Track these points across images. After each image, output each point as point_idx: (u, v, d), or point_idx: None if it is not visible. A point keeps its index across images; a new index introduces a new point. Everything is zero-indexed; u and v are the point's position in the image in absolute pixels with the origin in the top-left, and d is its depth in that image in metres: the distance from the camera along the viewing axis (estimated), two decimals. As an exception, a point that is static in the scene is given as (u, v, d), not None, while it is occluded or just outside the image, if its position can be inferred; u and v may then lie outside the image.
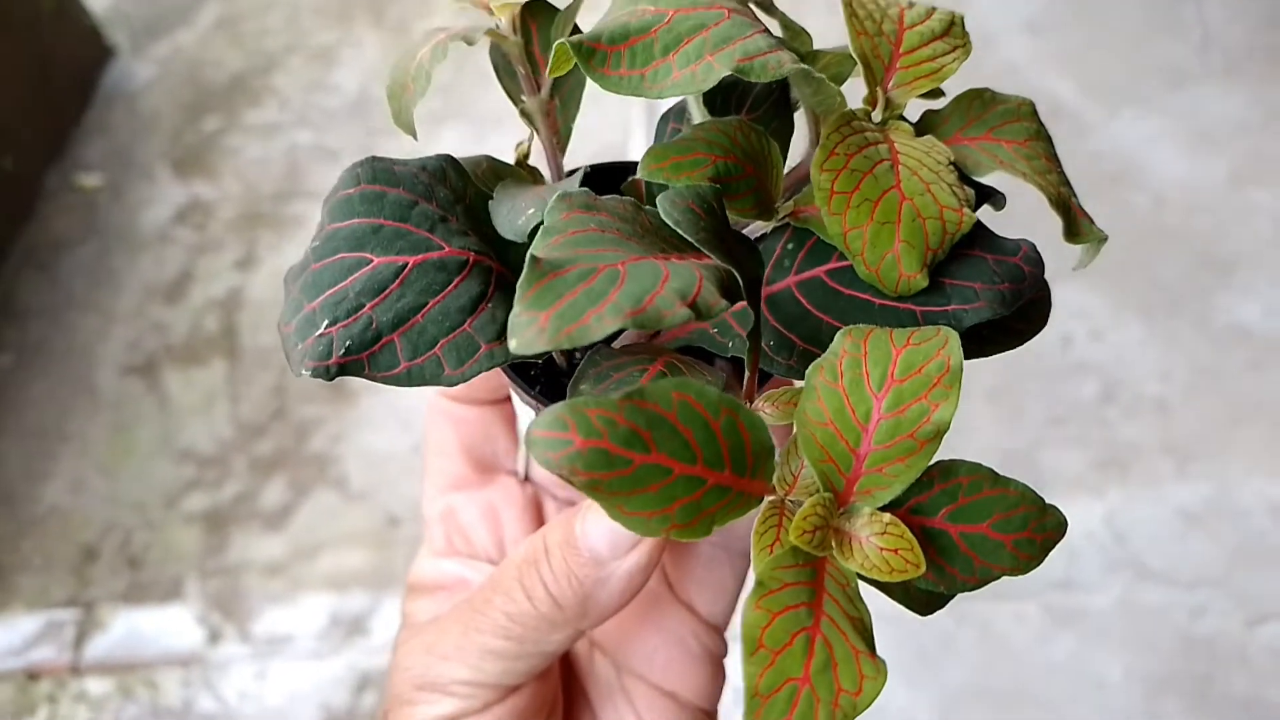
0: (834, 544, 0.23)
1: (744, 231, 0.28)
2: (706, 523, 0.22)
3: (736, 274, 0.22)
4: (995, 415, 1.06)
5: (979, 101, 0.26)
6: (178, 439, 1.16)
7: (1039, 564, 0.24)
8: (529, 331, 0.19)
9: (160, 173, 1.46)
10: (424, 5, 1.67)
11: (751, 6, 0.27)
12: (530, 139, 0.32)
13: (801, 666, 0.22)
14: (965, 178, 0.27)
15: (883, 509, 0.23)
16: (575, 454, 0.20)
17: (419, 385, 0.25)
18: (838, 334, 0.24)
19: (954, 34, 0.29)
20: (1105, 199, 1.25)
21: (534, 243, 0.22)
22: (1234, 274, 1.16)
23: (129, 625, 1.03)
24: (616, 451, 0.20)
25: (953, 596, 0.25)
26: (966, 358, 0.24)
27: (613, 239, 0.22)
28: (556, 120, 0.31)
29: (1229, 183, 1.25)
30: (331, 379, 0.24)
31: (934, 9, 0.29)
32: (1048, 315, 0.28)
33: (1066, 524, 0.25)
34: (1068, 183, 0.27)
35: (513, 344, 0.19)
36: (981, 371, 1.10)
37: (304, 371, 0.24)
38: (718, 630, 0.33)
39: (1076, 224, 0.27)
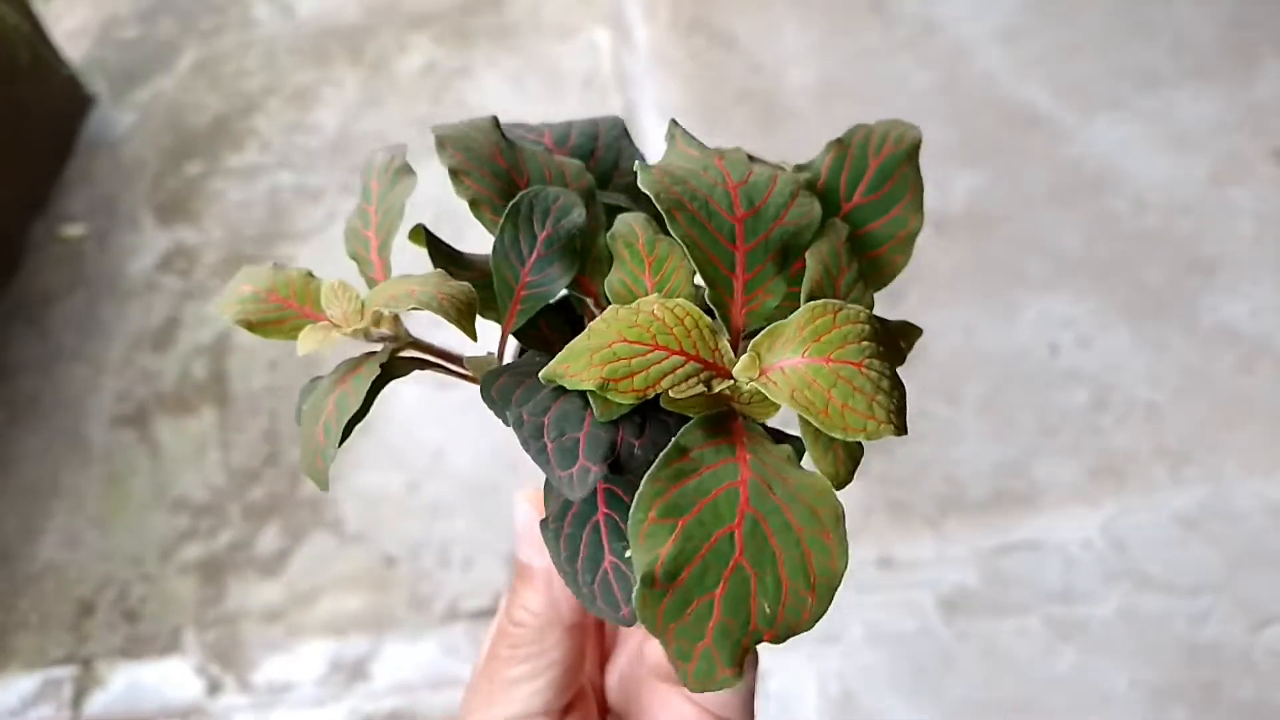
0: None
1: None
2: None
3: None
4: (986, 427, 1.05)
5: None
6: (171, 489, 1.15)
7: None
8: None
9: (144, 220, 1.46)
10: (400, 41, 1.68)
11: None
12: None
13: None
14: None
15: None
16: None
17: None
18: None
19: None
20: (1087, 205, 1.25)
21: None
22: (1218, 274, 1.16)
23: (128, 680, 1.02)
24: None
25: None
26: None
27: None
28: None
29: (1208, 183, 1.25)
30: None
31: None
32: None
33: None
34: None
35: None
36: (971, 382, 1.10)
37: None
38: None
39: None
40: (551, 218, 0.28)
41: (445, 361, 0.30)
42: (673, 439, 0.23)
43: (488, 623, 1.01)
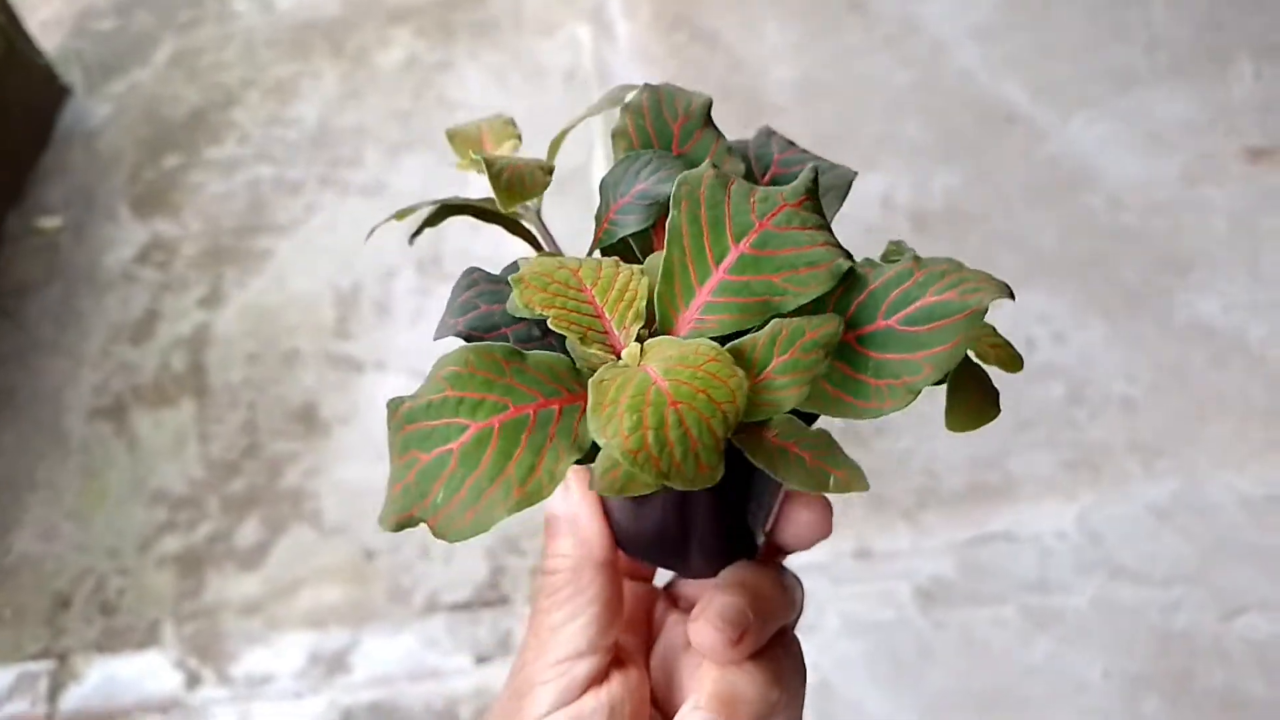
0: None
1: None
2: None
3: None
4: (965, 421, 1.07)
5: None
6: (149, 481, 1.15)
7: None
8: None
9: (121, 212, 1.45)
10: (381, 35, 1.67)
11: None
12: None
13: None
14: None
15: None
16: None
17: None
18: None
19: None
20: (1063, 203, 1.27)
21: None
22: (1192, 272, 1.18)
23: (105, 674, 1.01)
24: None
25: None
26: None
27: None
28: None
29: (1182, 182, 1.27)
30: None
31: None
32: None
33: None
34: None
35: None
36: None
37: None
38: None
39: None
40: (652, 179, 0.32)
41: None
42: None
43: (468, 615, 1.01)
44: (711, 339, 0.27)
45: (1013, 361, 0.31)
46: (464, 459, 0.27)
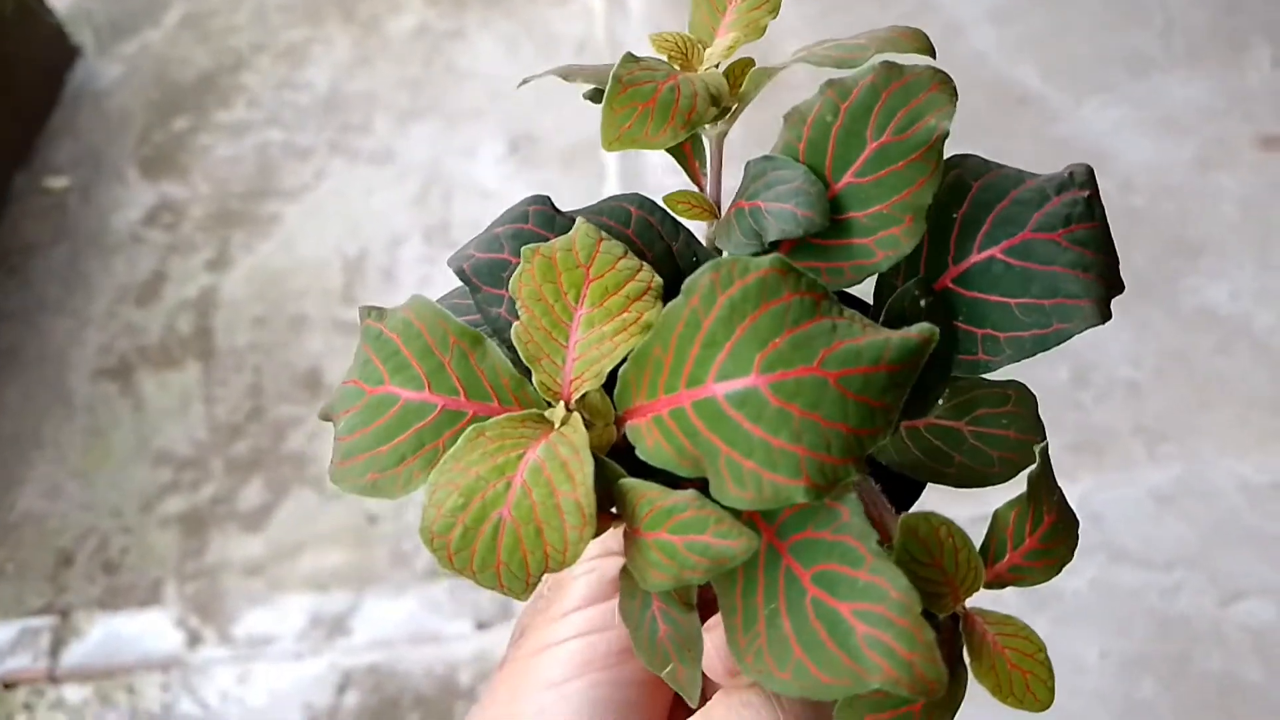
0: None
1: None
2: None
3: None
4: (970, 401, 1.07)
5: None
6: (153, 442, 1.15)
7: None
8: None
9: (130, 173, 1.45)
10: (393, 2, 1.66)
11: None
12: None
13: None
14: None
15: None
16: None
17: None
18: None
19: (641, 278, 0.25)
20: (1074, 186, 1.26)
21: None
22: (1201, 257, 1.17)
23: (106, 631, 1.02)
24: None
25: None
26: None
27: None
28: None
29: (1194, 167, 1.26)
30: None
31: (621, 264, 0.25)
32: None
33: None
34: None
35: None
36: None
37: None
38: None
39: None
40: (787, 205, 0.26)
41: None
42: None
43: (469, 581, 1.02)
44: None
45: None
46: (366, 411, 0.25)
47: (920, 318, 0.25)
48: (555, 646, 0.30)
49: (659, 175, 1.27)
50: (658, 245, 0.27)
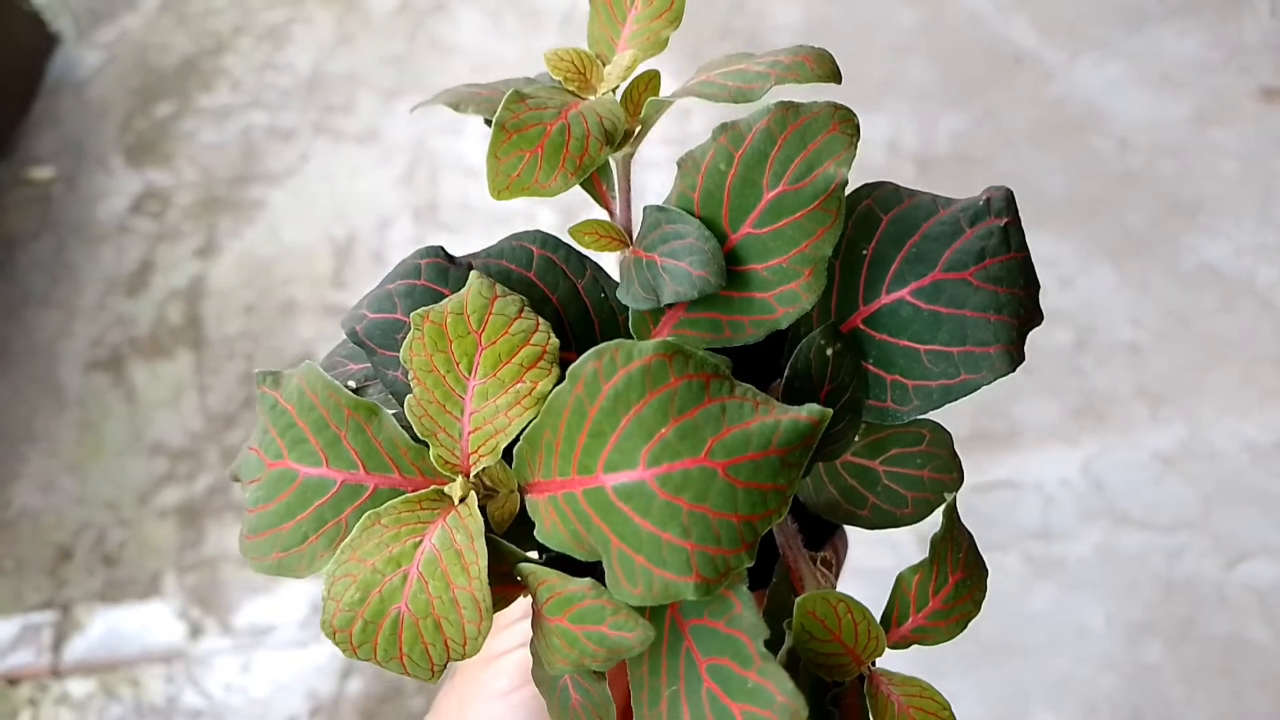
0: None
1: None
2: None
3: None
4: (969, 368, 1.05)
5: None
6: (147, 433, 1.14)
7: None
8: None
9: (114, 162, 1.43)
10: (374, -22, 1.64)
11: None
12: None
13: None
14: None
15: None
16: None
17: None
18: None
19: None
20: (1070, 145, 1.25)
21: None
22: (1200, 215, 1.16)
23: (108, 624, 1.02)
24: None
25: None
26: None
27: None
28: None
29: (1192, 123, 1.24)
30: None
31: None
32: None
33: None
34: None
35: None
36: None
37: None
38: None
39: None
40: (682, 263, 0.25)
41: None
42: None
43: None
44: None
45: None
46: (268, 486, 0.24)
47: (826, 369, 0.25)
48: (502, 657, 0.30)
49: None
50: (563, 285, 0.26)
